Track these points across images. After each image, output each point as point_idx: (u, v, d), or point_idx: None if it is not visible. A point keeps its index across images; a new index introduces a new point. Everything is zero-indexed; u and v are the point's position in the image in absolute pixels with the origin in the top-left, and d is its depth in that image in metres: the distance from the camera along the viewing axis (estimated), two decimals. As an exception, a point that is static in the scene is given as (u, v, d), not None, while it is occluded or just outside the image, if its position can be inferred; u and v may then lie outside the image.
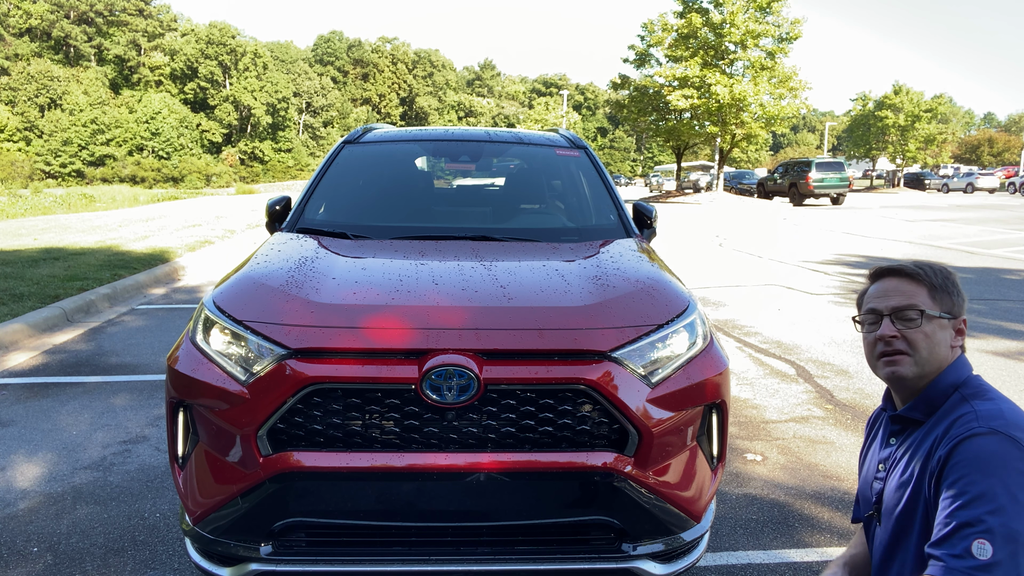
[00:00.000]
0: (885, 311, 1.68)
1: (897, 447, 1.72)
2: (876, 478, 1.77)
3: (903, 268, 1.70)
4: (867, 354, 1.75)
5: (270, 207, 3.67)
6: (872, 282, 1.78)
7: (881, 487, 1.73)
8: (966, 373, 1.66)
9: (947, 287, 1.67)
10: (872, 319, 1.72)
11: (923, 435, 1.63)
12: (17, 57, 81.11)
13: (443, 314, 2.22)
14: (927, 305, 1.65)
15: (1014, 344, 6.34)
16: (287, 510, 2.11)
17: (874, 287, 1.75)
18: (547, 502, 2.16)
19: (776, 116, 36.06)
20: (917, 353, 1.64)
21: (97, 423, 4.43)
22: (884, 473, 1.74)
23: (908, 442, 1.68)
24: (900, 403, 1.74)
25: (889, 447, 1.75)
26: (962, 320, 1.69)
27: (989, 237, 15.62)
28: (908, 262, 1.72)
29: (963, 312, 1.70)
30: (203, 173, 79.22)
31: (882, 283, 1.73)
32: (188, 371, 2.23)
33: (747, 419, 4.57)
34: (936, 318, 1.64)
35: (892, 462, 1.72)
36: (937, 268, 1.69)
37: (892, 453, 1.73)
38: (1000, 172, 58.37)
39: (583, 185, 3.98)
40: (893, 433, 1.76)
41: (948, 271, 1.71)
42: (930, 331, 1.64)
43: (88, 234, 13.93)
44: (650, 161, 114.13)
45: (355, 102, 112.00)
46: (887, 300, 1.69)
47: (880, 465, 1.77)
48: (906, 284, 1.68)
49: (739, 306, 8.14)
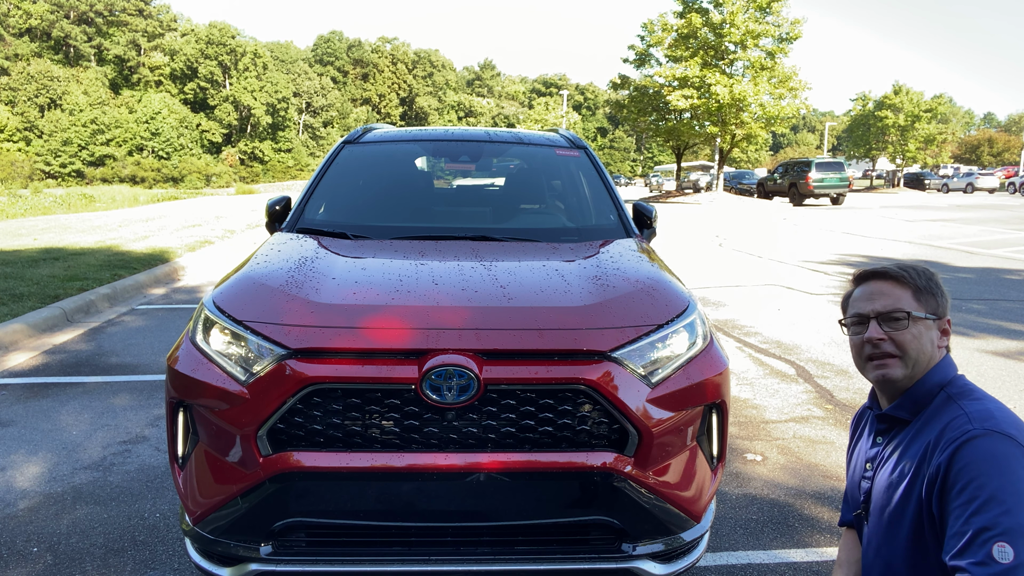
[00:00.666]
0: (871, 314, 1.69)
1: (884, 446, 1.73)
2: (864, 477, 1.78)
3: (887, 271, 1.72)
4: (854, 356, 1.76)
5: (270, 207, 3.67)
6: (856, 285, 1.79)
7: (869, 486, 1.74)
8: (951, 373, 1.67)
9: (931, 288, 1.69)
10: (858, 321, 1.73)
11: (912, 435, 1.64)
12: (17, 57, 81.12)
13: (443, 314, 2.22)
14: (912, 307, 1.66)
15: (1014, 344, 6.34)
16: (287, 510, 2.11)
17: (859, 290, 1.76)
18: (547, 502, 2.16)
19: (776, 116, 36.06)
20: (906, 355, 1.65)
21: (97, 423, 4.43)
22: (872, 472, 1.75)
23: (896, 441, 1.69)
24: (886, 402, 1.75)
25: (876, 446, 1.76)
26: (946, 320, 1.71)
27: (989, 237, 15.62)
28: (892, 264, 1.73)
29: (947, 312, 1.71)
30: (203, 173, 79.19)
31: (867, 286, 1.74)
32: (188, 371, 2.23)
33: (747, 419, 4.57)
34: (922, 319, 1.66)
35: (880, 461, 1.72)
36: (920, 270, 1.71)
37: (879, 452, 1.74)
38: (1000, 172, 58.37)
39: (583, 185, 3.98)
40: (879, 432, 1.76)
41: (931, 272, 1.72)
42: (917, 332, 1.65)
43: (88, 234, 13.93)
44: (650, 161, 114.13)
45: (355, 102, 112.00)
46: (873, 303, 1.70)
47: (868, 464, 1.77)
48: (891, 287, 1.70)
49: (739, 306, 8.14)
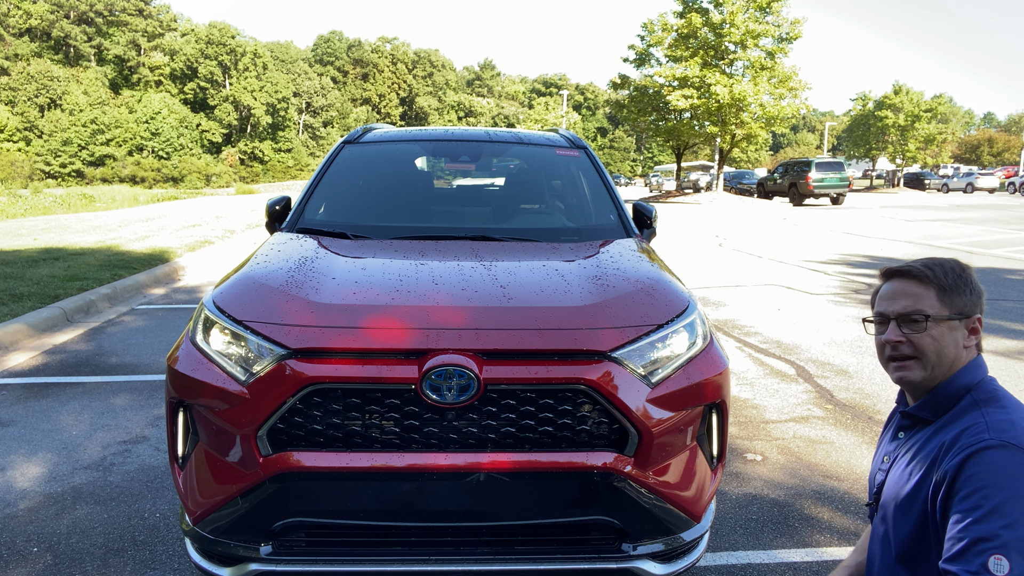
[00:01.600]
0: (891, 315, 1.66)
1: (903, 442, 1.72)
2: (880, 469, 1.77)
3: (911, 269, 1.66)
4: (878, 355, 1.73)
5: (270, 207, 3.67)
6: (883, 281, 1.74)
7: (883, 479, 1.73)
8: (980, 375, 1.62)
9: (958, 287, 1.62)
10: (880, 322, 1.70)
11: (930, 435, 1.62)
12: (17, 57, 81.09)
13: (443, 314, 2.22)
14: (934, 308, 1.61)
15: (1014, 344, 6.34)
16: (287, 510, 2.11)
17: (884, 287, 1.72)
18: (547, 502, 2.16)
19: (776, 116, 36.04)
20: (924, 357, 1.61)
21: (97, 423, 4.43)
22: (887, 465, 1.74)
23: (914, 439, 1.68)
24: (911, 400, 1.73)
25: (896, 441, 1.75)
26: (976, 319, 1.64)
27: (989, 237, 15.62)
28: (918, 262, 1.67)
29: (977, 310, 1.64)
30: (203, 173, 79.16)
31: (890, 284, 1.70)
32: (188, 371, 2.23)
33: (747, 419, 4.57)
34: (944, 320, 1.60)
35: (896, 456, 1.72)
36: (949, 267, 1.64)
37: (897, 447, 1.73)
38: (1000, 172, 58.34)
39: (583, 185, 3.98)
40: (902, 428, 1.76)
41: (961, 268, 1.65)
42: (937, 334, 1.60)
43: (88, 234, 13.92)
44: (650, 161, 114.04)
45: (355, 102, 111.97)
46: (894, 304, 1.66)
47: (885, 457, 1.77)
48: (913, 286, 1.64)
49: (739, 306, 8.14)
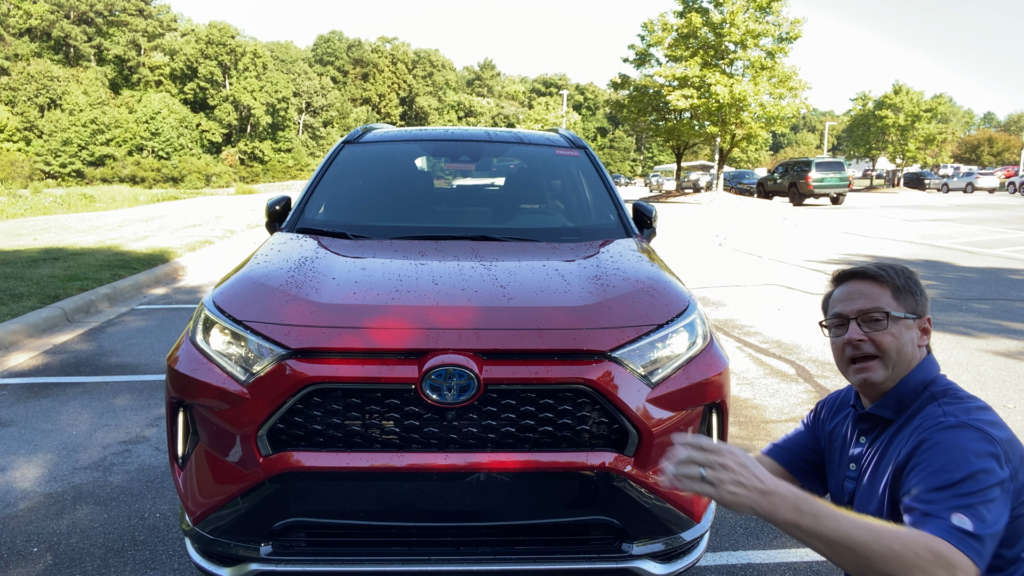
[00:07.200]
0: (851, 315, 1.68)
1: (867, 446, 1.72)
2: (848, 477, 1.76)
3: (866, 271, 1.70)
4: (836, 359, 1.75)
5: (270, 207, 3.67)
6: (836, 286, 1.77)
7: (853, 487, 1.73)
8: (935, 372, 1.66)
9: (910, 287, 1.68)
10: (838, 323, 1.72)
11: (892, 435, 1.64)
12: (17, 57, 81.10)
13: (443, 314, 2.22)
14: (892, 307, 1.65)
15: (1015, 344, 6.34)
16: (287, 510, 2.11)
17: (838, 291, 1.75)
18: (547, 502, 2.16)
19: (776, 116, 36.06)
20: (886, 355, 1.64)
21: (97, 423, 4.43)
22: (856, 472, 1.73)
23: (879, 441, 1.68)
24: (868, 402, 1.74)
25: (859, 446, 1.75)
26: (927, 319, 1.70)
27: (989, 237, 15.61)
28: (871, 264, 1.72)
29: (927, 311, 1.70)
30: (203, 173, 79.18)
31: (846, 286, 1.73)
32: (188, 371, 2.23)
33: (747, 419, 4.56)
34: (901, 319, 1.65)
35: (865, 462, 1.71)
36: (899, 269, 1.70)
37: (863, 452, 1.72)
38: (1000, 172, 58.35)
39: (583, 185, 3.98)
40: (863, 432, 1.75)
41: (910, 271, 1.71)
42: (897, 332, 1.64)
43: (88, 234, 13.92)
44: (650, 161, 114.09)
45: (355, 102, 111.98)
46: (852, 303, 1.69)
47: (852, 464, 1.76)
48: (870, 287, 1.68)
49: (739, 306, 8.14)
